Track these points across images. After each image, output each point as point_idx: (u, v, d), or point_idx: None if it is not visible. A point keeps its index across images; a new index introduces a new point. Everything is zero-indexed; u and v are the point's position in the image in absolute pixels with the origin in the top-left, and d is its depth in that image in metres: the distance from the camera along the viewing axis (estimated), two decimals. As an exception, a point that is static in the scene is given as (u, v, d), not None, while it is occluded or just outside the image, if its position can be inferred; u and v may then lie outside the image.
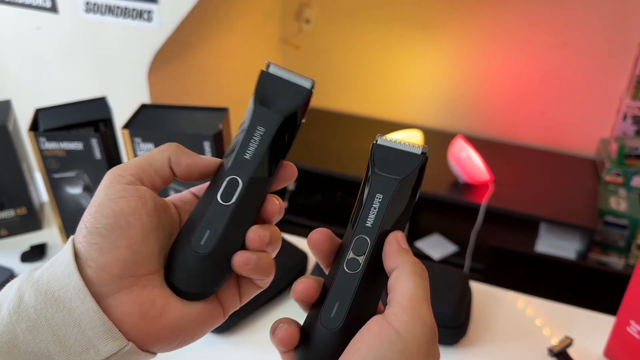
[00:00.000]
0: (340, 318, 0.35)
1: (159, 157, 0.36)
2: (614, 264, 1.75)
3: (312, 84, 0.38)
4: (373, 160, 0.38)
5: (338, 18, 2.17)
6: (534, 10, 1.90)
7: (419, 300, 0.33)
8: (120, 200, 0.33)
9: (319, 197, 2.06)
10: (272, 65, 0.38)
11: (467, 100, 2.11)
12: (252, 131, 0.37)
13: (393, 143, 0.38)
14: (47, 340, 0.31)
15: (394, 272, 0.35)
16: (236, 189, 0.36)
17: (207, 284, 0.36)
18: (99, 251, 0.32)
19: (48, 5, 1.52)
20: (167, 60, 1.56)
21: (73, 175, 0.90)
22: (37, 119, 0.91)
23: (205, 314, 0.36)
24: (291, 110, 0.37)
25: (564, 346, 0.76)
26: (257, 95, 0.38)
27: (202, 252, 0.35)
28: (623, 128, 1.86)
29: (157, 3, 1.40)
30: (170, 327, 0.34)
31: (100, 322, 0.31)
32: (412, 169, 0.37)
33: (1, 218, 0.98)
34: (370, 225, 0.37)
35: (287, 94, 0.38)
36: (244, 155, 0.37)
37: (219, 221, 0.36)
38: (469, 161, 1.77)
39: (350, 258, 0.36)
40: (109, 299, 0.32)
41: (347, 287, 0.36)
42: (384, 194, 0.37)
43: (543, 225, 1.82)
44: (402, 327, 0.32)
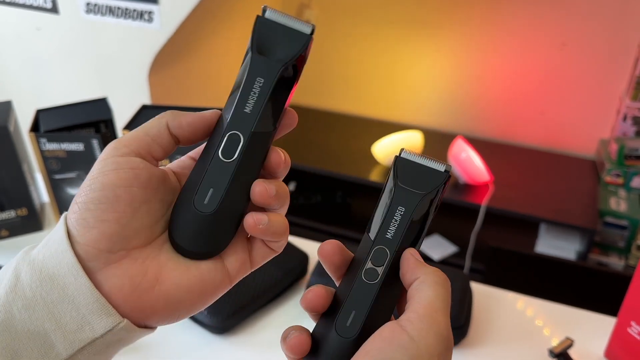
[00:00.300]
0: (357, 327, 0.35)
1: (156, 124, 0.35)
2: (614, 265, 1.75)
3: (312, 28, 0.36)
4: (396, 172, 0.38)
5: (338, 19, 2.17)
6: (533, 11, 1.90)
7: (436, 309, 0.33)
8: (111, 173, 0.33)
9: (319, 197, 2.06)
10: (269, 10, 0.36)
11: (467, 100, 2.11)
12: (250, 82, 0.35)
13: (417, 157, 0.38)
14: (43, 318, 0.31)
15: (415, 282, 0.35)
16: (238, 145, 0.35)
17: (213, 243, 0.35)
18: (86, 226, 0.32)
19: (49, 6, 1.52)
20: (168, 61, 1.56)
21: (74, 176, 0.90)
22: (37, 119, 0.91)
23: (206, 281, 0.35)
24: (291, 58, 0.35)
25: (565, 347, 0.76)
26: (254, 43, 0.35)
27: (207, 212, 0.34)
28: (623, 129, 1.86)
29: (157, 4, 1.40)
30: (165, 299, 0.33)
31: (94, 299, 0.31)
32: (436, 186, 0.37)
33: (2, 219, 0.98)
34: (391, 237, 0.37)
35: (285, 40, 0.36)
36: (244, 108, 0.35)
37: (222, 179, 0.34)
38: (469, 162, 1.77)
39: (368, 268, 0.36)
40: (98, 274, 0.32)
41: (364, 296, 0.36)
42: (406, 208, 0.37)
43: (543, 226, 1.82)
44: (416, 333, 0.31)
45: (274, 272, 0.86)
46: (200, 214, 0.34)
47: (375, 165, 1.92)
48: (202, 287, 0.35)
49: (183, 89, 1.72)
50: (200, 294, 0.35)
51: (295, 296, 0.88)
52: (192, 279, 0.34)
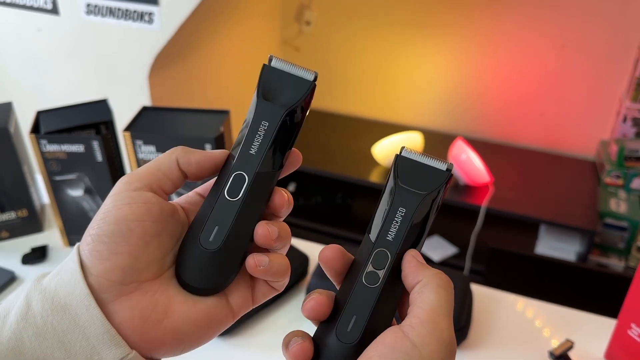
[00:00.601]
0: (358, 332, 0.34)
1: (167, 160, 0.37)
2: (614, 266, 1.75)
3: (315, 76, 0.39)
4: (396, 172, 0.37)
5: (338, 20, 2.17)
6: (533, 13, 1.90)
7: (439, 314, 0.32)
8: (125, 207, 0.34)
9: (319, 198, 2.06)
10: (275, 59, 0.39)
11: (467, 102, 2.11)
12: (256, 126, 0.37)
13: (418, 156, 0.38)
14: (53, 347, 0.31)
15: (418, 286, 0.34)
16: (242, 185, 0.36)
17: (217, 280, 0.36)
18: (99, 258, 0.33)
19: (49, 7, 1.52)
20: (168, 62, 1.56)
21: (74, 177, 0.90)
22: (38, 121, 0.91)
23: (212, 316, 0.36)
24: (295, 103, 0.38)
25: (565, 349, 0.76)
26: (260, 90, 0.38)
27: (211, 248, 0.35)
28: (623, 130, 1.86)
29: (158, 5, 1.40)
30: (173, 332, 0.34)
31: (104, 330, 0.31)
32: (437, 185, 0.37)
33: (2, 220, 0.98)
34: (392, 239, 0.36)
35: (290, 87, 0.38)
36: (249, 150, 0.37)
37: (227, 217, 0.36)
38: (469, 163, 1.77)
39: (369, 271, 0.36)
40: (109, 306, 0.32)
41: (365, 301, 0.35)
42: (407, 209, 0.36)
43: (543, 227, 1.82)
44: (419, 339, 0.31)
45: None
46: (204, 251, 0.36)
47: (376, 166, 1.92)
48: (207, 322, 0.35)
49: (183, 90, 1.72)
50: (205, 328, 0.35)
51: (295, 298, 0.88)
52: (198, 313, 0.35)
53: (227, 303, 0.37)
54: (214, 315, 0.36)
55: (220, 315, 0.36)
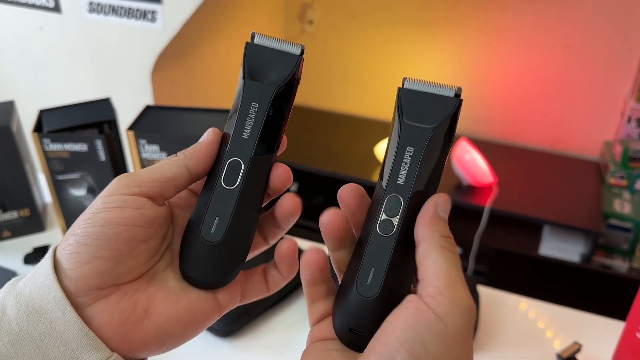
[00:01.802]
0: (377, 286, 0.32)
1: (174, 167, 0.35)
2: (618, 267, 1.74)
3: (302, 49, 0.36)
4: (400, 108, 0.34)
5: (341, 19, 2.17)
6: (536, 13, 1.89)
7: (454, 279, 0.31)
8: (115, 210, 0.32)
9: (320, 198, 2.05)
10: (258, 35, 0.36)
11: (470, 102, 2.10)
12: (246, 108, 0.35)
13: (421, 86, 0.34)
14: (30, 353, 0.30)
15: (422, 246, 0.32)
16: (239, 171, 0.35)
17: (223, 272, 0.35)
18: (79, 261, 0.31)
19: (51, 5, 1.51)
20: (171, 60, 1.55)
21: (77, 177, 0.89)
22: (40, 120, 0.90)
23: (196, 312, 0.35)
24: (283, 80, 0.35)
25: (573, 352, 0.76)
26: (246, 70, 0.36)
27: (214, 241, 0.34)
28: (627, 130, 1.85)
29: (161, 3, 1.39)
30: (156, 331, 0.33)
31: (82, 334, 0.30)
32: (445, 116, 0.33)
33: (4, 220, 0.97)
34: (402, 183, 0.33)
35: (277, 63, 0.36)
36: (242, 134, 0.35)
37: (227, 207, 0.34)
38: (473, 163, 1.76)
39: (383, 219, 0.33)
40: (87, 309, 0.31)
41: (382, 251, 0.33)
42: (415, 147, 0.33)
43: (547, 228, 1.82)
44: (441, 309, 0.30)
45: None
46: (208, 244, 0.34)
47: (378, 165, 1.92)
48: (191, 318, 0.34)
49: (186, 88, 1.71)
50: (189, 325, 0.34)
51: (299, 299, 0.88)
52: (181, 310, 0.34)
53: (214, 298, 0.36)
54: (198, 311, 0.35)
55: (206, 311, 0.35)
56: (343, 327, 0.33)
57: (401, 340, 0.29)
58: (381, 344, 0.30)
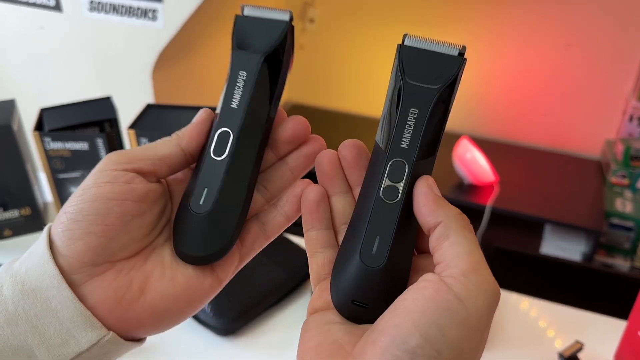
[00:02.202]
0: (384, 255, 0.31)
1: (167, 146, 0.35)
2: (620, 266, 1.74)
3: (290, 15, 0.36)
4: (402, 66, 0.32)
5: (342, 18, 2.16)
6: (538, 11, 1.89)
7: (479, 262, 0.28)
8: (105, 185, 0.32)
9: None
10: (247, 7, 0.36)
11: (472, 101, 2.10)
12: (234, 78, 0.35)
13: (424, 43, 0.33)
14: (26, 332, 0.30)
15: (439, 228, 0.30)
16: (228, 141, 0.34)
17: (213, 245, 0.33)
18: (71, 238, 0.31)
19: (52, 4, 1.51)
20: (172, 59, 1.55)
21: (78, 175, 0.89)
22: (41, 118, 0.90)
23: (193, 289, 0.34)
24: (271, 46, 0.35)
25: (575, 351, 0.76)
26: (234, 41, 0.35)
27: (202, 212, 0.33)
28: (629, 129, 1.85)
29: (161, 2, 1.39)
30: (152, 309, 0.32)
31: (78, 312, 0.30)
32: (450, 76, 0.32)
33: (5, 218, 0.97)
34: (407, 147, 0.31)
35: (265, 32, 0.35)
36: (231, 104, 0.34)
37: (215, 177, 0.33)
38: (474, 162, 1.76)
39: (387, 185, 0.31)
40: (82, 287, 0.31)
41: (387, 219, 0.31)
42: (420, 109, 0.31)
43: (548, 227, 1.82)
44: (464, 292, 0.27)
45: (279, 273, 0.86)
46: (195, 216, 0.33)
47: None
48: (189, 295, 0.34)
49: (187, 87, 1.71)
50: (187, 302, 0.34)
51: (301, 298, 0.87)
52: (178, 287, 0.33)
53: (211, 272, 0.35)
54: (195, 288, 0.34)
55: (205, 286, 0.34)
56: (344, 298, 0.31)
57: (417, 323, 0.26)
58: (394, 325, 0.27)
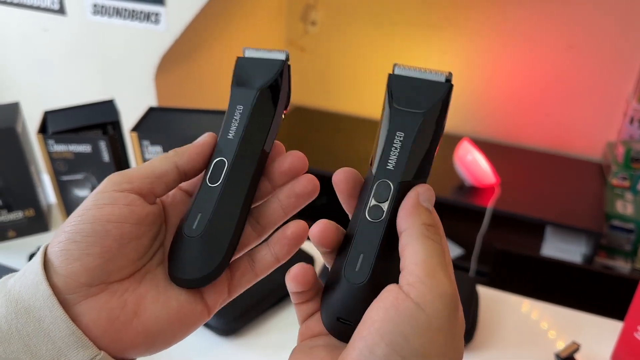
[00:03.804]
0: (366, 272, 0.32)
1: (164, 164, 0.35)
2: (620, 268, 1.74)
3: (286, 54, 0.38)
4: (390, 93, 0.34)
5: (344, 20, 2.17)
6: (540, 13, 1.89)
7: (433, 266, 0.29)
8: (105, 207, 0.32)
9: (324, 199, 2.05)
10: (248, 50, 0.39)
11: (473, 102, 2.11)
12: (232, 111, 0.37)
13: (412, 72, 0.34)
14: (19, 351, 0.30)
15: (403, 235, 0.31)
16: (222, 170, 0.36)
17: (203, 268, 0.34)
18: (69, 258, 0.31)
19: (56, 7, 1.52)
20: (174, 62, 1.56)
21: (81, 177, 0.90)
22: (45, 121, 0.91)
23: (185, 314, 0.34)
24: (266, 82, 0.37)
25: (571, 351, 0.76)
26: (234, 79, 0.38)
27: (193, 236, 0.34)
28: (630, 131, 1.85)
29: (164, 5, 1.40)
30: (144, 332, 0.33)
31: (70, 332, 0.30)
32: (436, 101, 0.33)
33: (9, 220, 0.98)
34: (392, 168, 0.33)
35: (262, 71, 0.38)
36: (228, 135, 0.37)
37: (209, 203, 0.35)
38: (475, 164, 1.77)
39: (372, 205, 0.33)
40: (76, 307, 0.31)
41: (371, 237, 0.32)
42: (406, 132, 0.33)
43: (549, 229, 1.82)
44: (420, 298, 0.28)
45: (279, 274, 0.86)
46: (187, 239, 0.34)
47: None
48: (181, 320, 0.34)
49: (190, 90, 1.72)
50: (179, 327, 0.34)
51: (301, 298, 0.88)
52: (171, 311, 0.34)
53: (202, 299, 0.35)
54: (187, 312, 0.34)
55: (195, 312, 0.35)
56: (331, 316, 0.33)
57: (381, 332, 0.28)
58: (361, 337, 0.29)
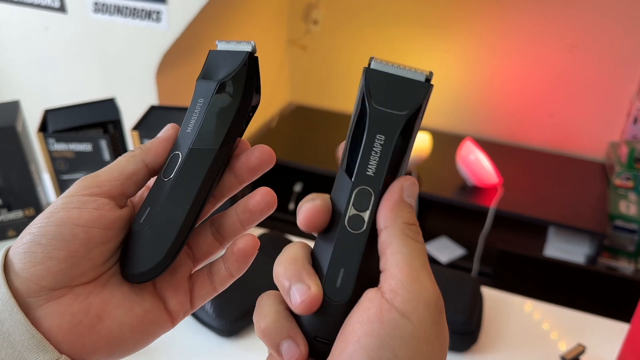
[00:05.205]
0: (349, 288, 0.29)
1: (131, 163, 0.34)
2: (624, 269, 1.73)
3: (252, 46, 0.36)
4: (368, 90, 0.32)
5: (346, 19, 2.16)
6: (543, 12, 1.88)
7: (417, 270, 0.28)
8: (74, 210, 0.31)
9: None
10: (220, 43, 0.37)
11: (476, 102, 2.10)
12: (193, 105, 0.36)
13: (390, 67, 0.32)
14: None
15: (383, 233, 0.30)
16: (176, 164, 0.35)
17: (147, 262, 0.33)
18: (32, 260, 0.30)
19: (57, 5, 1.51)
20: (176, 61, 1.55)
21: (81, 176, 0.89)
22: (46, 119, 0.90)
23: (149, 320, 0.34)
24: (227, 75, 0.35)
25: (577, 354, 0.75)
26: (201, 73, 0.36)
27: (140, 229, 0.33)
28: (633, 131, 1.84)
29: (165, 4, 1.40)
30: (107, 337, 0.32)
31: (30, 335, 0.30)
32: (418, 102, 0.31)
33: (9, 219, 0.98)
34: (373, 174, 0.30)
35: (226, 62, 0.36)
36: (186, 129, 0.35)
37: (158, 197, 0.34)
38: (478, 164, 1.76)
39: (352, 215, 0.30)
40: (37, 310, 0.30)
41: (352, 250, 0.30)
42: (387, 135, 0.30)
43: (552, 229, 1.81)
44: (405, 306, 0.27)
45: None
46: (134, 232, 0.33)
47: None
48: (144, 327, 0.34)
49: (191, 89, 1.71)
50: (142, 333, 0.34)
51: (303, 299, 0.87)
52: (135, 317, 0.33)
53: (165, 307, 0.35)
54: (151, 320, 0.34)
55: (159, 320, 0.34)
56: (308, 335, 0.30)
57: (367, 349, 0.27)
58: (347, 355, 0.27)
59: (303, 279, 0.30)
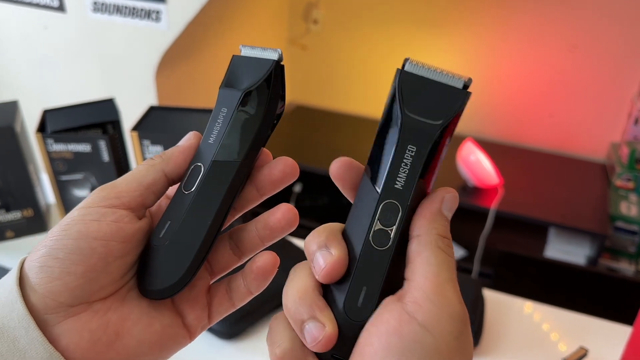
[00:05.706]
0: (370, 308, 0.28)
1: (151, 172, 0.33)
2: (624, 270, 1.73)
3: (279, 54, 0.34)
4: (401, 95, 0.29)
5: (346, 19, 2.16)
6: (544, 12, 1.88)
7: (443, 283, 0.27)
8: (92, 223, 0.30)
9: (325, 199, 2.05)
10: (244, 48, 0.36)
11: (476, 102, 2.10)
12: (216, 114, 0.34)
13: (427, 71, 0.30)
14: None
15: (416, 240, 0.29)
16: (198, 176, 0.33)
17: (167, 278, 0.32)
18: (50, 275, 0.29)
19: (55, 5, 1.51)
20: (175, 61, 1.55)
21: (80, 177, 0.89)
22: (44, 120, 0.90)
23: (167, 336, 0.33)
24: (253, 84, 0.34)
25: (579, 357, 0.75)
26: (224, 80, 0.35)
27: (160, 244, 0.32)
28: (634, 132, 1.84)
29: (165, 3, 1.39)
30: (126, 354, 0.31)
31: (47, 355, 0.28)
32: (453, 111, 0.28)
33: (7, 220, 0.97)
34: (401, 188, 0.28)
35: (251, 70, 0.34)
36: (209, 140, 0.34)
37: (179, 211, 0.33)
38: (478, 165, 1.75)
39: (377, 230, 0.28)
40: (55, 327, 0.29)
41: (375, 267, 0.28)
42: (418, 146, 0.28)
43: (552, 230, 1.81)
44: (427, 319, 0.26)
45: (280, 276, 0.85)
46: (154, 248, 0.32)
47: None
48: (162, 343, 0.33)
49: (190, 89, 1.71)
50: (160, 350, 0.33)
51: (303, 301, 0.87)
52: (153, 334, 0.32)
53: (183, 323, 0.34)
54: (169, 336, 0.33)
55: (177, 336, 0.33)
56: (323, 356, 0.29)
57: None
58: None
59: (316, 317, 0.28)
